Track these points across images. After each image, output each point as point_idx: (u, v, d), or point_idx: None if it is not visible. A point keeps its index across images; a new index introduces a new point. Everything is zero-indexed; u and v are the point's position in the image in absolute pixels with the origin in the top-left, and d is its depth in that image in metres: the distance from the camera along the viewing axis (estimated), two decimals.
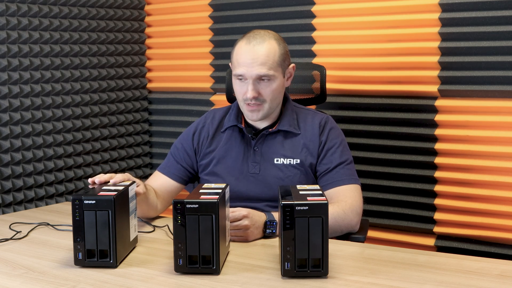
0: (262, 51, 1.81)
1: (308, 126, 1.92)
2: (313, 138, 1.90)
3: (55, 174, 2.80)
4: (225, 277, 1.36)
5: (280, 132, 1.91)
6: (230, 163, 1.91)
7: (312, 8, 2.72)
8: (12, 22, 2.58)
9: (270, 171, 1.88)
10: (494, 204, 2.38)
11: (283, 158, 1.89)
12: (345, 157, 1.89)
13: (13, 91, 2.60)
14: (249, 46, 1.82)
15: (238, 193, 1.87)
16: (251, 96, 1.81)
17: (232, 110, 1.97)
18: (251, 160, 1.90)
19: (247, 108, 1.85)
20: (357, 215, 1.80)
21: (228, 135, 1.94)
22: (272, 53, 1.82)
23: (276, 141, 1.90)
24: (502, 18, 2.29)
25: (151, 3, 3.25)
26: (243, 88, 1.83)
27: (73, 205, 1.41)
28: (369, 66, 2.61)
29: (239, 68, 1.82)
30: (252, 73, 1.80)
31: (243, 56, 1.82)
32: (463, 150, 2.43)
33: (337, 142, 1.90)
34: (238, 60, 1.83)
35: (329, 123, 1.93)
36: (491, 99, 2.35)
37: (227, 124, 1.95)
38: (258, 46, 1.81)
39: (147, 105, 3.32)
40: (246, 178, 1.89)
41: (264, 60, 1.80)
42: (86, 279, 1.36)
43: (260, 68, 1.80)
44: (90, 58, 2.95)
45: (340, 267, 1.42)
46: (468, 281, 1.32)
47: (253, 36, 1.84)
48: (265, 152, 1.90)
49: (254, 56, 1.80)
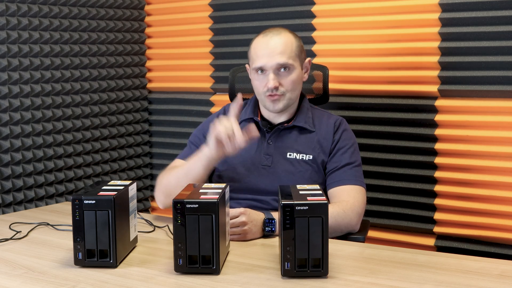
0: (280, 41, 1.85)
1: (323, 124, 1.95)
2: (327, 136, 1.92)
3: (55, 174, 2.80)
4: (225, 277, 1.36)
5: (295, 128, 1.93)
6: (243, 154, 1.91)
7: (312, 8, 2.72)
8: (12, 22, 2.58)
9: (282, 165, 1.89)
10: (494, 204, 2.38)
11: (296, 153, 1.90)
12: (354, 158, 1.92)
13: (13, 91, 2.60)
14: (266, 38, 1.87)
15: (249, 184, 1.89)
16: (272, 86, 1.83)
17: (249, 105, 2.00)
18: (264, 153, 1.91)
19: (269, 99, 1.87)
20: (358, 215, 1.80)
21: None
22: (290, 43, 1.87)
23: (290, 136, 1.92)
24: (502, 18, 2.29)
25: (151, 3, 3.25)
26: (264, 80, 1.86)
27: (73, 205, 1.41)
28: (369, 66, 2.61)
29: (259, 60, 1.85)
30: (272, 62, 1.83)
31: (262, 47, 1.86)
32: (463, 150, 2.43)
33: (348, 143, 1.93)
34: (257, 53, 1.87)
35: (344, 124, 1.97)
36: (491, 99, 2.35)
37: (243, 117, 1.97)
38: (275, 37, 1.86)
39: (147, 105, 3.32)
40: (258, 170, 1.90)
41: (283, 49, 1.84)
42: (86, 279, 1.36)
43: (280, 57, 1.83)
44: (90, 58, 2.95)
45: (340, 267, 1.42)
46: (468, 281, 1.33)
47: (269, 30, 1.90)
48: (278, 146, 1.91)
49: (272, 46, 1.84)
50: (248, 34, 2.88)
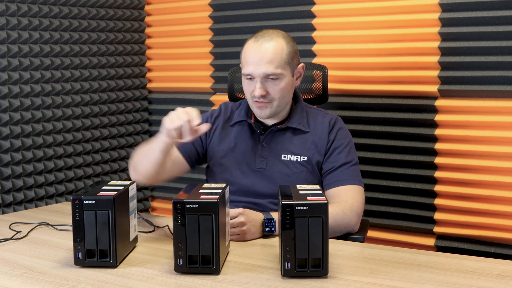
0: (269, 49, 1.81)
1: (318, 124, 1.92)
2: (322, 136, 1.90)
3: (55, 174, 2.80)
4: (225, 277, 1.36)
5: (289, 129, 1.92)
6: (238, 157, 1.91)
7: (312, 8, 2.72)
8: (12, 22, 2.58)
9: (277, 167, 1.88)
10: (494, 204, 2.38)
11: (291, 155, 1.89)
12: (350, 158, 1.90)
13: (13, 91, 2.60)
14: (256, 44, 1.83)
15: (245, 187, 1.88)
16: (258, 95, 1.82)
17: (243, 106, 1.98)
18: (258, 155, 1.90)
19: (256, 105, 1.86)
20: (357, 216, 1.80)
21: (238, 129, 1.95)
22: (280, 51, 1.82)
23: (284, 138, 1.91)
24: (502, 18, 2.29)
25: (151, 3, 3.25)
26: (251, 86, 1.84)
27: (73, 205, 1.41)
28: (369, 66, 2.61)
29: (247, 67, 1.83)
30: (259, 71, 1.80)
31: (251, 54, 1.83)
32: (463, 150, 2.43)
33: (344, 142, 1.91)
34: (246, 58, 1.84)
35: (339, 123, 1.95)
36: (491, 99, 2.35)
37: (237, 118, 1.96)
38: (266, 44, 1.82)
39: (147, 105, 3.32)
40: (253, 172, 1.90)
41: (271, 58, 1.80)
42: (86, 279, 1.36)
43: (267, 67, 1.80)
44: (90, 58, 2.95)
45: (340, 267, 1.42)
46: (468, 281, 1.32)
47: (261, 35, 1.85)
48: (273, 148, 1.90)
49: (261, 54, 1.81)
50: (248, 34, 2.85)
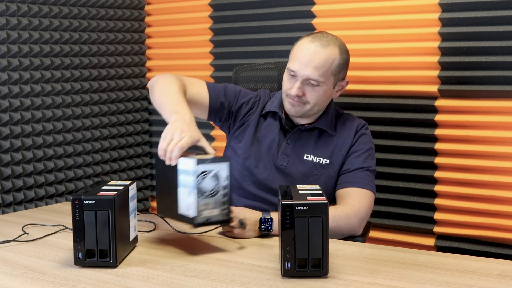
0: (321, 54, 1.79)
1: (345, 128, 1.92)
2: (347, 140, 1.90)
3: (55, 174, 2.80)
4: (225, 277, 1.36)
5: (316, 130, 1.91)
6: (263, 149, 1.91)
7: (312, 8, 2.72)
8: (12, 22, 2.58)
9: (298, 167, 1.88)
10: (494, 204, 2.38)
11: (313, 156, 1.89)
12: (367, 164, 1.89)
13: (13, 91, 2.60)
14: (311, 45, 1.80)
15: (263, 181, 1.88)
16: (294, 94, 1.81)
17: (276, 98, 1.97)
18: (282, 152, 1.90)
19: (289, 101, 1.85)
20: (361, 221, 1.79)
21: (270, 121, 1.94)
22: (331, 60, 1.80)
23: (310, 138, 1.91)
24: (502, 18, 2.29)
25: (151, 3, 3.25)
26: (291, 83, 1.83)
27: (73, 205, 1.41)
28: (369, 66, 2.61)
29: (294, 63, 1.82)
30: (303, 72, 1.79)
31: (302, 53, 1.81)
32: (463, 150, 2.43)
33: (364, 148, 1.90)
34: (296, 55, 1.82)
35: (364, 129, 1.95)
36: (491, 99, 2.35)
37: (269, 108, 1.95)
38: (320, 49, 1.79)
39: (147, 105, 3.32)
40: (274, 168, 1.89)
41: (319, 64, 1.79)
42: (86, 279, 1.36)
43: (312, 71, 1.78)
44: (90, 58, 2.95)
45: (340, 267, 1.42)
46: (468, 281, 1.32)
47: (319, 37, 1.83)
48: (297, 147, 1.90)
49: (312, 57, 1.79)
50: (248, 34, 2.88)
